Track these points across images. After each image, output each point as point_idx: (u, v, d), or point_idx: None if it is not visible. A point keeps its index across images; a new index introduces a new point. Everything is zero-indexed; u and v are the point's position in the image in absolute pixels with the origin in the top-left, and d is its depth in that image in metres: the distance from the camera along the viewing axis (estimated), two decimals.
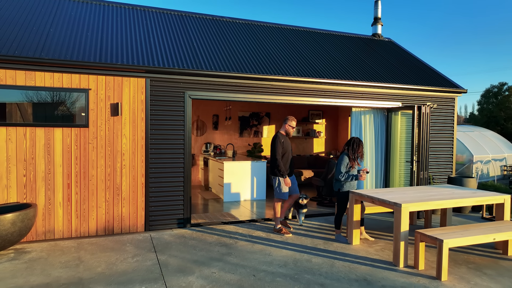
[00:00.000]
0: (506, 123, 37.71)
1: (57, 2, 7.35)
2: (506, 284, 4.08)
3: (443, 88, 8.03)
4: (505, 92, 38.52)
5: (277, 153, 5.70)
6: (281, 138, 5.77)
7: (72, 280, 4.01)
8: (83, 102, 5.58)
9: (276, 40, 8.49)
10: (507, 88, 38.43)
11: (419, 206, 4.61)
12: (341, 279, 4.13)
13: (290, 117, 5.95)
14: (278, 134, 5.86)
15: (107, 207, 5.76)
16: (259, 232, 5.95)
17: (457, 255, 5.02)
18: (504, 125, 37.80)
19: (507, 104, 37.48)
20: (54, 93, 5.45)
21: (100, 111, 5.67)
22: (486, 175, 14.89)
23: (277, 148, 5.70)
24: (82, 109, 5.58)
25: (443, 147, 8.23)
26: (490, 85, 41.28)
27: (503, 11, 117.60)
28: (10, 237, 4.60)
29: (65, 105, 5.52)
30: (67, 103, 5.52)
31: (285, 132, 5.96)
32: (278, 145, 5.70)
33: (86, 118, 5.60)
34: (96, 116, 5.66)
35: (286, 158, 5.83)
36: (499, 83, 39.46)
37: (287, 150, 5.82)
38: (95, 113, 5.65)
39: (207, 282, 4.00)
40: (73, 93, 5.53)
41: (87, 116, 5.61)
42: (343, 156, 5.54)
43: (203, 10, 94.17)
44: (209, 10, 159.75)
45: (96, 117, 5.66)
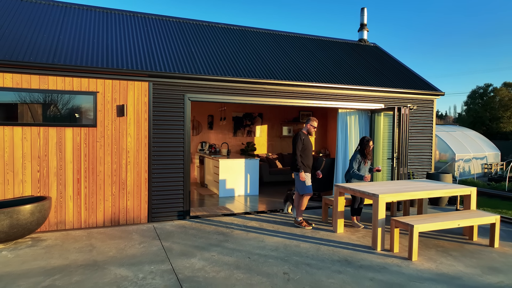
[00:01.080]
0: (491, 123, 38.81)
1: (63, 10, 7.82)
2: (467, 263, 4.71)
3: (423, 91, 8.68)
4: (490, 93, 39.63)
5: (297, 149, 6.14)
6: (302, 135, 6.24)
7: (88, 262, 4.54)
8: (91, 104, 6.09)
9: (268, 45, 9.06)
10: (492, 89, 39.55)
11: (394, 196, 5.23)
12: (325, 260, 4.72)
13: (312, 118, 6.38)
14: (300, 132, 6.33)
15: (113, 200, 6.27)
16: (253, 223, 6.52)
17: (429, 240, 5.65)
18: (489, 125, 38.90)
19: (492, 105, 38.57)
20: (65, 96, 5.95)
21: (107, 112, 6.19)
22: (468, 172, 15.67)
23: (297, 144, 6.16)
24: (90, 110, 6.10)
25: (423, 146, 8.89)
26: (476, 86, 42.44)
27: (493, 13, 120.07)
28: (29, 226, 5.10)
29: (75, 107, 6.03)
30: (77, 105, 6.03)
31: (307, 131, 6.38)
32: (298, 141, 6.17)
33: (94, 118, 6.11)
34: (104, 117, 6.17)
35: (306, 155, 6.24)
36: (484, 84, 40.59)
37: (307, 147, 6.25)
38: (102, 114, 6.16)
39: (208, 263, 4.56)
40: (82, 96, 6.04)
41: (95, 116, 6.12)
42: (355, 153, 6.41)
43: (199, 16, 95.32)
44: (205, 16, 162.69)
45: (104, 117, 6.17)
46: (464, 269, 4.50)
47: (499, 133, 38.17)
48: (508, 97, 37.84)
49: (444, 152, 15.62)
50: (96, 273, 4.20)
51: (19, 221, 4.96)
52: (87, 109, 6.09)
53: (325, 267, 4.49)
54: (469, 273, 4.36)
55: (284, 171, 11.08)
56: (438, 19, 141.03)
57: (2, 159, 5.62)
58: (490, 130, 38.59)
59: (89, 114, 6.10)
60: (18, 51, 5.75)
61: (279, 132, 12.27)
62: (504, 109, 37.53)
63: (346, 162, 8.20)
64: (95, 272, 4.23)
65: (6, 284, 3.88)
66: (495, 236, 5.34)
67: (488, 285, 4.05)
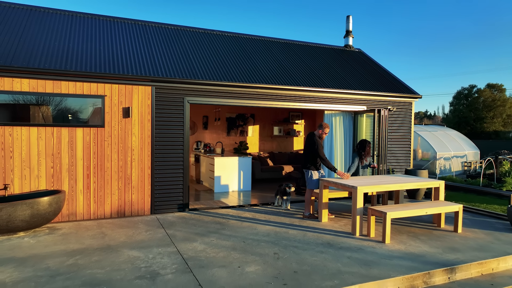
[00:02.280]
0: (476, 124, 40.04)
1: (70, 19, 8.40)
2: (432, 244, 5.46)
3: (402, 94, 9.46)
4: (475, 94, 40.87)
5: (321, 152, 6.65)
6: (318, 139, 6.78)
7: (102, 246, 5.17)
8: (100, 106, 6.70)
9: (260, 51, 9.75)
10: (476, 90, 40.80)
11: (370, 188, 5.96)
12: (310, 243, 5.42)
13: (325, 124, 6.85)
14: (316, 137, 6.79)
15: (120, 194, 6.90)
16: (246, 214, 7.20)
17: (402, 227, 6.39)
18: (474, 125, 40.13)
19: (476, 106, 39.80)
20: (76, 99, 6.56)
21: (114, 114, 6.81)
22: (449, 170, 16.56)
23: (319, 147, 6.63)
24: (99, 112, 6.71)
25: (402, 144, 9.67)
26: (461, 87, 43.74)
27: (479, 18, 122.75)
28: (47, 216, 5.71)
29: (85, 109, 6.64)
30: (87, 107, 6.65)
31: (319, 136, 6.91)
32: (320, 145, 6.66)
33: (102, 119, 6.73)
34: (111, 118, 6.79)
35: (313, 155, 6.79)
36: (469, 86, 41.87)
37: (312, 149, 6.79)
38: (109, 115, 6.78)
39: (208, 246, 5.23)
40: (91, 99, 6.65)
41: (103, 118, 6.74)
42: (355, 155, 7.31)
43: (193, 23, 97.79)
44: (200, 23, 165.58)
45: (111, 118, 6.79)
46: (429, 249, 5.25)
47: (483, 132, 39.43)
48: (491, 98, 39.11)
49: (426, 150, 16.49)
50: (111, 254, 4.84)
51: (38, 211, 5.56)
52: (96, 111, 6.70)
53: (310, 248, 5.19)
54: (432, 252, 5.11)
55: (275, 168, 11.78)
56: (428, 23, 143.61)
57: (20, 156, 6.21)
58: (474, 130, 39.83)
59: (97, 116, 6.72)
60: (34, 59, 6.35)
61: (270, 132, 12.97)
62: (487, 110, 38.78)
63: (331, 159, 8.92)
64: (110, 254, 4.87)
65: (36, 262, 4.50)
66: (459, 223, 6.11)
67: (446, 260, 4.79)
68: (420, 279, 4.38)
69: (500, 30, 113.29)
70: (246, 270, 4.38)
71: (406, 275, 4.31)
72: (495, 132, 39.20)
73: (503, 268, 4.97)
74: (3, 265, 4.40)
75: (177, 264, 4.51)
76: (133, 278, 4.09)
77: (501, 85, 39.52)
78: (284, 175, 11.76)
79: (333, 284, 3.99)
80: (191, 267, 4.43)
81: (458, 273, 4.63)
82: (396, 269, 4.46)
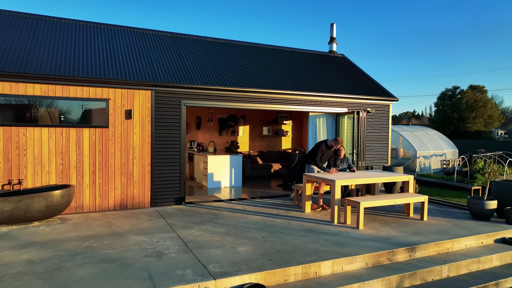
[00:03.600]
0: (459, 124, 41.42)
1: (73, 27, 9.04)
2: (399, 230, 6.29)
3: (380, 97, 10.32)
4: (458, 95, 42.26)
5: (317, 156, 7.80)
6: (323, 147, 7.82)
7: (111, 232, 5.87)
8: (104, 109, 7.38)
9: (250, 57, 10.51)
10: (459, 91, 42.19)
11: (346, 181, 6.77)
12: (293, 229, 6.20)
13: (340, 141, 7.79)
14: (323, 143, 7.85)
15: (122, 188, 7.59)
16: (237, 206, 7.95)
17: (376, 217, 7.22)
18: (457, 125, 41.52)
19: (459, 106, 41.19)
20: (83, 102, 7.23)
21: (117, 115, 7.49)
22: (428, 168, 17.54)
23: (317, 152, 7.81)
24: (103, 114, 7.39)
25: (380, 143, 10.52)
26: (445, 89, 45.12)
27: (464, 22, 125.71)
28: (60, 207, 6.38)
29: (91, 111, 7.31)
30: (93, 110, 7.32)
31: (330, 146, 7.87)
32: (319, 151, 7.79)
33: (107, 120, 7.41)
34: (114, 119, 7.48)
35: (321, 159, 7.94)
36: (452, 87, 43.26)
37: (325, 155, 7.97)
38: (113, 117, 7.46)
39: (204, 232, 5.96)
40: (97, 102, 7.33)
41: (107, 119, 7.42)
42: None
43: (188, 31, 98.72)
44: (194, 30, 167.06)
45: (114, 120, 7.48)
46: (396, 233, 6.07)
47: (466, 132, 40.83)
48: (474, 99, 40.53)
49: (407, 149, 17.45)
50: (120, 239, 5.55)
51: (52, 202, 6.24)
52: (101, 113, 7.38)
53: (293, 233, 5.97)
54: (398, 236, 5.93)
55: (264, 166, 12.55)
56: (419, 25, 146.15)
57: (32, 154, 6.87)
58: (457, 130, 41.23)
59: (102, 117, 7.40)
60: (45, 65, 7.00)
61: (259, 132, 13.73)
62: (469, 110, 40.20)
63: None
64: (119, 238, 5.57)
65: (55, 245, 5.19)
66: (424, 212, 6.96)
67: (409, 242, 5.61)
68: (385, 256, 5.19)
69: (485, 33, 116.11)
70: (238, 250, 5.13)
71: (373, 252, 5.11)
72: (477, 132, 40.63)
73: (457, 248, 5.82)
74: (27, 248, 5.08)
75: (178, 246, 5.25)
76: (142, 256, 4.81)
77: (482, 87, 40.96)
78: (273, 173, 12.54)
79: (311, 259, 4.77)
80: (190, 248, 5.17)
81: (418, 252, 5.46)
82: (365, 248, 5.26)
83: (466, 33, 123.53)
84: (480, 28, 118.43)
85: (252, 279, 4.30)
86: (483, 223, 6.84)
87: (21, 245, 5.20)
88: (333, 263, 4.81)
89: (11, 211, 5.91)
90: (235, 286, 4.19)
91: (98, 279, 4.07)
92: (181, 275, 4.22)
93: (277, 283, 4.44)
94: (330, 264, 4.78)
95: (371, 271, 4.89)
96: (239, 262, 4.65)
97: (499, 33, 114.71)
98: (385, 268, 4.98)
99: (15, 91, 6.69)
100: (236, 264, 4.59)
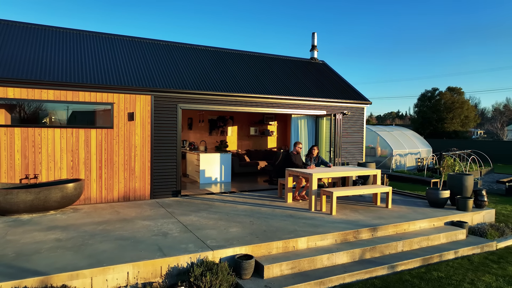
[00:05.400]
0: (437, 124, 43.19)
1: (77, 36, 9.92)
2: (366, 215, 7.42)
3: (356, 100, 11.48)
4: (437, 96, 44.06)
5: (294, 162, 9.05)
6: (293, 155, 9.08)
7: (120, 219, 6.83)
8: (109, 112, 8.31)
9: (238, 64, 11.54)
10: (438, 93, 44.00)
11: (321, 175, 7.87)
12: (277, 215, 7.27)
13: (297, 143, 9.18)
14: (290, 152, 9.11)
15: (125, 182, 8.53)
16: (228, 198, 8.98)
17: (347, 205, 8.35)
18: (436, 125, 43.27)
19: (438, 107, 42.96)
20: (91, 106, 8.15)
21: (121, 118, 8.43)
22: (404, 165, 18.87)
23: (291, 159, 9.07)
24: (109, 116, 8.32)
25: (356, 142, 11.69)
26: (425, 90, 46.94)
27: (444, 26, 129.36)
28: (73, 198, 7.30)
29: (98, 114, 8.23)
30: (99, 112, 8.24)
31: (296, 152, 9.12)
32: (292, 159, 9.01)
33: (112, 122, 8.34)
34: (118, 121, 8.41)
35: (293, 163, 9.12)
36: (432, 88, 45.07)
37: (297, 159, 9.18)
38: (117, 119, 8.40)
39: (201, 218, 6.98)
40: (103, 106, 8.26)
41: (112, 121, 8.35)
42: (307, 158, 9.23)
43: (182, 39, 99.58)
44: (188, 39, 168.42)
45: (118, 121, 8.41)
46: (362, 218, 7.20)
47: (444, 132, 42.65)
48: (451, 101, 42.35)
49: (385, 148, 18.75)
50: (128, 224, 6.52)
51: (67, 194, 7.16)
52: (106, 115, 8.31)
53: (276, 218, 7.04)
54: (364, 219, 7.06)
55: (251, 164, 13.60)
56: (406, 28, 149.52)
57: (46, 152, 7.76)
58: (436, 129, 43.00)
59: (107, 119, 8.33)
60: (57, 73, 7.90)
61: (247, 132, 14.77)
62: (447, 111, 42.00)
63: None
64: (128, 223, 6.55)
65: (75, 228, 6.13)
66: (389, 201, 8.12)
67: (372, 224, 6.74)
68: (351, 234, 6.30)
69: (463, 36, 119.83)
70: (230, 230, 6.17)
71: (341, 231, 6.22)
72: (454, 131, 42.49)
73: (412, 229, 6.98)
74: (52, 230, 6.02)
75: (180, 228, 6.26)
76: (150, 236, 5.80)
77: (459, 89, 42.85)
78: (259, 169, 13.60)
79: (290, 236, 5.84)
80: (190, 229, 6.19)
81: (379, 232, 6.59)
82: (336, 229, 6.36)
83: (447, 36, 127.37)
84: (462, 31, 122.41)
85: (242, 251, 5.34)
86: (438, 209, 8.04)
87: (46, 228, 6.12)
88: (308, 239, 5.89)
89: (32, 201, 6.81)
90: (229, 256, 5.23)
91: (118, 251, 5.05)
92: (184, 248, 5.24)
93: (262, 255, 5.49)
94: (306, 240, 5.86)
95: (339, 246, 5.99)
96: (231, 239, 5.68)
97: (479, 37, 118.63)
98: (351, 244, 6.09)
99: (32, 96, 7.58)
100: (229, 240, 5.63)
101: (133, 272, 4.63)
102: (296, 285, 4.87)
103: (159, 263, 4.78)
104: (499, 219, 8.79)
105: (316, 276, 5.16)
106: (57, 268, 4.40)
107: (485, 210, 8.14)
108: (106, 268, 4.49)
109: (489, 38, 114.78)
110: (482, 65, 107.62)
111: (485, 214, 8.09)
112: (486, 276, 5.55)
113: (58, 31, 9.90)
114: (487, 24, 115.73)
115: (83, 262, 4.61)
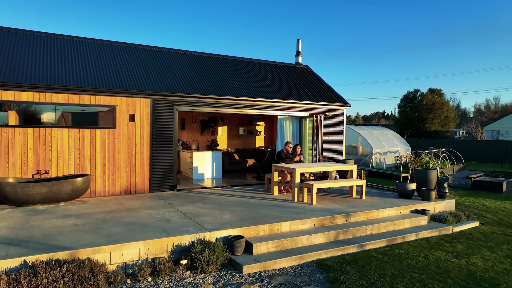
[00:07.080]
0: (419, 124, 44.80)
1: (81, 44, 10.73)
2: (341, 204, 8.46)
3: (336, 103, 12.55)
4: (419, 97, 45.69)
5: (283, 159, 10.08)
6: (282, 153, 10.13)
7: (125, 208, 7.71)
8: (112, 113, 9.17)
9: (228, 68, 12.49)
10: (420, 94, 45.64)
11: (304, 170, 8.89)
12: (264, 205, 8.26)
13: (288, 143, 10.24)
14: (281, 151, 10.11)
15: (127, 177, 9.40)
16: (220, 191, 9.94)
17: (327, 197, 9.39)
18: (418, 125, 44.88)
19: (420, 108, 44.58)
20: (96, 108, 8.99)
21: (123, 119, 9.30)
22: (383, 163, 20.08)
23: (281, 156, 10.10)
24: (112, 117, 9.18)
25: (336, 141, 12.76)
26: (407, 91, 48.62)
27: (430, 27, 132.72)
28: (81, 191, 8.15)
29: (102, 115, 9.08)
30: (103, 114, 9.09)
31: (286, 150, 10.16)
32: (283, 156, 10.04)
33: (114, 123, 9.20)
34: (120, 122, 9.27)
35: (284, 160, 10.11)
36: (414, 90, 46.69)
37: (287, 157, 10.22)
38: (120, 120, 9.26)
39: (197, 207, 7.91)
40: (107, 108, 9.11)
41: (115, 122, 9.21)
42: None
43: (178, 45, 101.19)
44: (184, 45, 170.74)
45: (120, 122, 9.27)
46: (338, 207, 8.24)
47: (425, 132, 44.30)
48: (432, 102, 44.01)
49: (365, 147, 19.93)
50: (133, 212, 7.41)
51: (76, 187, 8.00)
52: (109, 117, 9.17)
53: (263, 207, 8.02)
54: (339, 208, 8.10)
55: (241, 161, 14.55)
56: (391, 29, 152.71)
57: (56, 150, 8.58)
58: (418, 129, 44.63)
59: (111, 120, 9.18)
60: (64, 78, 8.72)
61: (236, 131, 15.72)
62: (428, 112, 43.63)
63: None
64: (133, 212, 7.44)
65: (87, 216, 7.00)
66: (363, 193, 9.19)
67: (346, 211, 7.78)
68: (327, 220, 7.33)
69: (449, 39, 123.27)
70: (223, 217, 7.13)
71: (319, 217, 7.24)
72: (435, 131, 44.19)
73: (381, 216, 8.05)
74: (68, 218, 6.88)
75: (180, 215, 7.19)
76: (155, 221, 6.72)
77: (440, 90, 44.57)
78: (248, 167, 14.57)
79: (275, 221, 6.83)
80: (189, 216, 7.13)
81: (352, 218, 7.63)
82: (314, 215, 7.38)
83: (432, 38, 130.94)
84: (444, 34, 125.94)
85: (235, 232, 6.31)
86: (406, 200, 9.15)
87: (62, 216, 6.98)
88: (291, 224, 6.89)
89: (46, 193, 7.64)
90: (223, 236, 6.19)
91: (129, 233, 5.96)
92: (185, 230, 6.18)
93: (251, 236, 6.47)
94: (288, 224, 6.86)
95: (317, 229, 7.01)
96: (225, 223, 6.65)
97: (461, 39, 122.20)
98: (327, 227, 7.12)
99: (43, 100, 8.39)
100: (223, 224, 6.59)
101: (144, 249, 5.55)
102: (280, 259, 5.86)
103: (165, 241, 5.71)
104: (461, 208, 9.96)
105: (297, 252, 6.17)
106: (82, 245, 5.30)
107: (446, 200, 9.29)
108: (122, 245, 5.41)
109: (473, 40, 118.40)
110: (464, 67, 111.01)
111: (446, 203, 9.23)
112: (438, 252, 6.65)
113: (62, 39, 10.69)
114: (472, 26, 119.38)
115: (102, 241, 5.51)
